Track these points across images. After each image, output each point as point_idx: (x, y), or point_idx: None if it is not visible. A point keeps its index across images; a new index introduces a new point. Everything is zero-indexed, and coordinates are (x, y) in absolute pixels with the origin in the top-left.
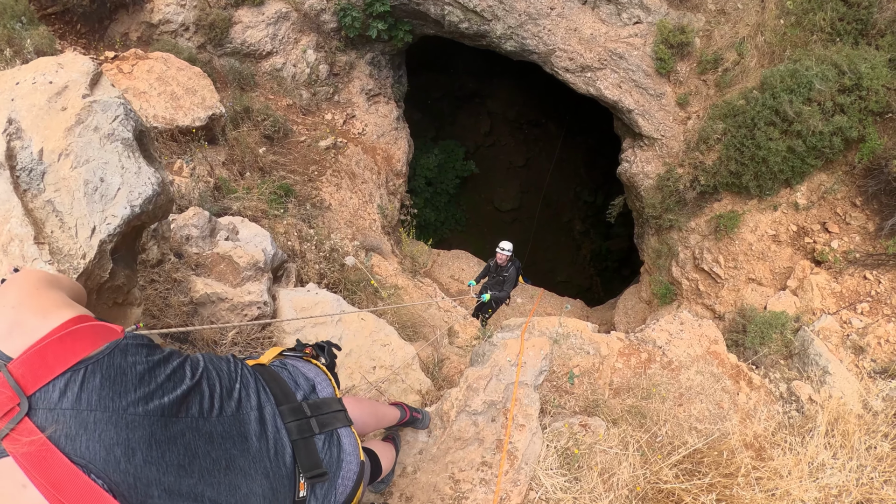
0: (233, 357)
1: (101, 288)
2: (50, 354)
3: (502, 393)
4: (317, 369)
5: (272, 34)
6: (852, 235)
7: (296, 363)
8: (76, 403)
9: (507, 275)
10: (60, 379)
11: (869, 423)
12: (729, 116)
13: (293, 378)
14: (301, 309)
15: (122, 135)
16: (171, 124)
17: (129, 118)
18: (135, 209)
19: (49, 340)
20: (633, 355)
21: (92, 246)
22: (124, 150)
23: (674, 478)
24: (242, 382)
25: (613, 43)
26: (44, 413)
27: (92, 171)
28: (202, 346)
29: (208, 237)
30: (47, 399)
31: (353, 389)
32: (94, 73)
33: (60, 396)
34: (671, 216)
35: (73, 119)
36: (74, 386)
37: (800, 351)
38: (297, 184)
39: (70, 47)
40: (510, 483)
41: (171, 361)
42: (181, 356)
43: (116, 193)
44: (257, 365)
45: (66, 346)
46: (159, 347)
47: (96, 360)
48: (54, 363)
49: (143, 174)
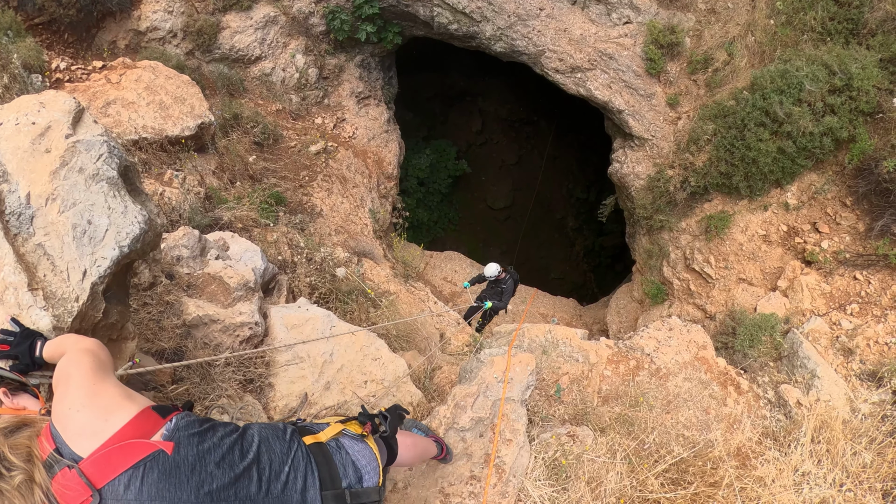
0: (291, 433)
1: (96, 327)
2: (114, 457)
3: (489, 409)
4: (370, 454)
5: (261, 39)
6: (842, 236)
7: (352, 446)
8: (138, 495)
9: (504, 286)
10: (124, 475)
11: (855, 429)
12: (719, 117)
13: (343, 464)
14: (292, 326)
15: (106, 174)
16: (160, 134)
17: (114, 155)
18: (123, 249)
19: (113, 448)
20: (621, 363)
21: (84, 289)
22: (110, 190)
23: (659, 487)
24: (293, 465)
25: (603, 43)
26: (112, 502)
27: (79, 214)
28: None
29: (199, 256)
30: (114, 491)
31: (346, 405)
32: (77, 111)
33: (125, 490)
34: (662, 217)
35: (58, 161)
36: (136, 481)
37: (789, 353)
38: (287, 190)
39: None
40: (499, 495)
41: (223, 444)
42: (235, 434)
43: (105, 235)
44: (314, 443)
45: (125, 452)
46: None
47: (153, 457)
48: (118, 464)
49: (129, 213)
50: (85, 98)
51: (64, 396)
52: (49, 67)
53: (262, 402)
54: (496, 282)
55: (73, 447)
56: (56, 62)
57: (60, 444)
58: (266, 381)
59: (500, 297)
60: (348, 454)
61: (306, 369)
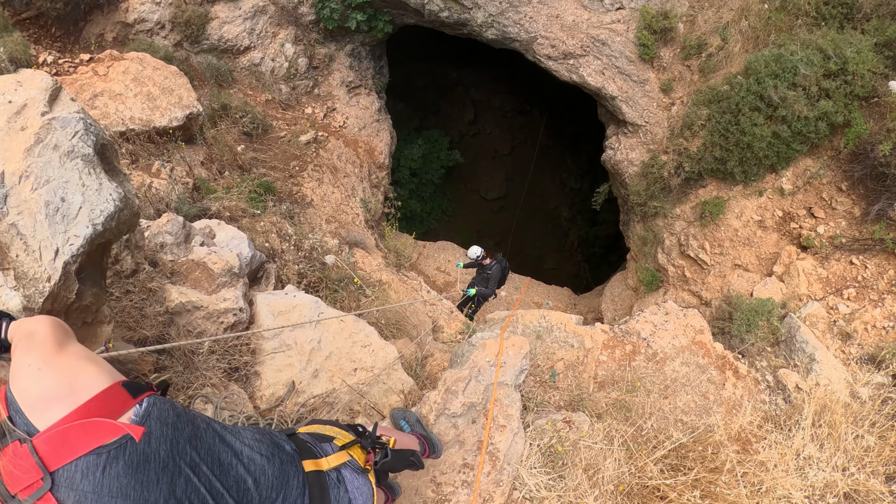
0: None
1: (69, 309)
2: (72, 437)
3: (482, 394)
4: (368, 493)
5: (249, 29)
6: (838, 220)
7: (352, 482)
8: (97, 488)
9: (490, 273)
10: (82, 460)
11: (856, 413)
12: (713, 102)
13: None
14: (279, 313)
15: (82, 151)
16: (147, 126)
17: (90, 133)
18: (97, 227)
19: (72, 425)
20: (617, 348)
21: (56, 268)
22: (85, 167)
23: (659, 473)
24: (284, 495)
25: (596, 29)
26: (66, 491)
27: (52, 191)
28: (179, 357)
29: (183, 243)
30: (69, 477)
31: (334, 393)
32: (54, 89)
33: (82, 478)
34: (656, 203)
35: (33, 139)
36: (97, 470)
37: (786, 338)
38: (277, 181)
39: (45, 52)
40: (493, 484)
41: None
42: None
43: (78, 213)
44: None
45: (88, 431)
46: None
47: (119, 444)
48: (77, 445)
49: (104, 190)
50: (72, 91)
51: (25, 353)
52: (36, 61)
53: (247, 391)
54: (482, 268)
55: (30, 416)
56: (43, 56)
57: (15, 411)
58: (252, 369)
59: (486, 283)
60: (346, 492)
61: (293, 357)
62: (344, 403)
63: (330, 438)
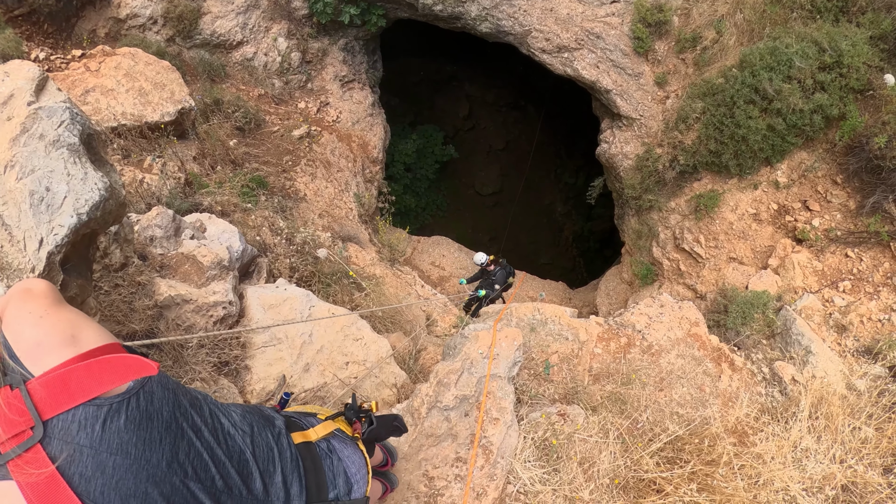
0: (280, 425)
1: None
2: (74, 381)
3: (474, 387)
4: (361, 460)
5: (242, 23)
6: (833, 213)
7: (343, 450)
8: (95, 442)
9: (494, 277)
10: (80, 410)
11: (853, 404)
12: (708, 95)
13: (334, 472)
14: (269, 306)
15: (67, 140)
16: (139, 121)
17: (76, 122)
18: (81, 217)
19: (76, 366)
20: (612, 340)
21: (40, 258)
22: (70, 157)
23: (655, 466)
24: (280, 465)
25: (590, 23)
26: (59, 443)
27: (37, 180)
28: (169, 351)
29: (173, 237)
30: (64, 429)
31: (326, 387)
32: (40, 79)
33: (79, 429)
34: (651, 196)
35: (19, 128)
36: (96, 423)
37: (782, 330)
38: (270, 175)
39: (37, 48)
40: (486, 478)
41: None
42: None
43: (63, 202)
44: (303, 443)
45: (93, 374)
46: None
47: (123, 398)
48: (77, 391)
49: (89, 180)
50: (64, 87)
51: (23, 303)
52: (28, 58)
53: (238, 385)
54: (487, 273)
55: (26, 361)
56: (36, 53)
57: (9, 356)
58: (242, 363)
59: (491, 287)
60: (340, 461)
61: (284, 351)
62: (336, 398)
63: (313, 414)
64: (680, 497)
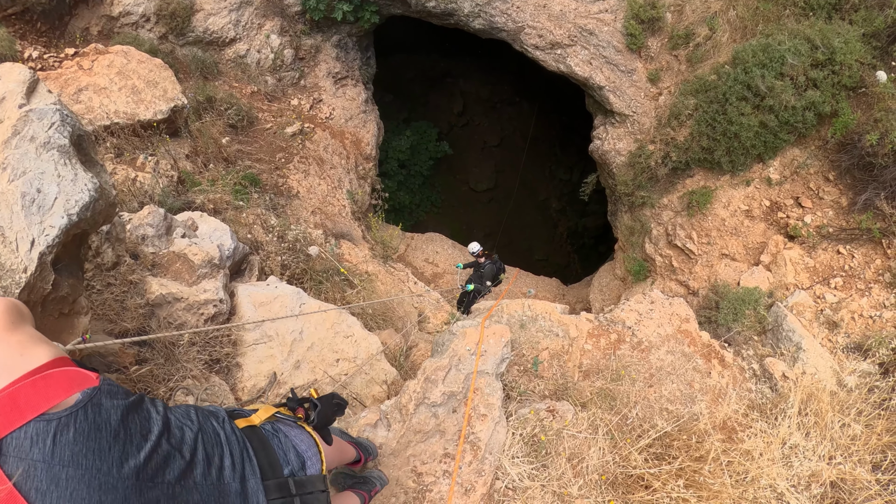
0: (223, 414)
1: (46, 300)
2: (22, 398)
3: (462, 383)
4: (310, 440)
5: (235, 20)
6: (825, 210)
7: (289, 431)
8: (48, 456)
9: (483, 270)
10: (31, 426)
11: (843, 401)
12: (700, 92)
13: (283, 450)
14: (260, 304)
15: (58, 142)
16: (132, 119)
17: (66, 124)
18: (72, 218)
19: (22, 384)
20: (602, 336)
21: (32, 259)
22: (60, 158)
23: (643, 462)
24: (228, 449)
25: (583, 19)
26: (14, 460)
27: (29, 182)
28: (160, 349)
29: (164, 235)
30: (18, 446)
31: (316, 384)
32: (31, 81)
33: (31, 445)
34: (643, 193)
35: (10, 131)
36: (47, 437)
37: (773, 327)
38: (262, 173)
39: (30, 47)
40: (474, 473)
41: (150, 415)
42: (162, 408)
43: (54, 203)
44: (248, 427)
45: (38, 390)
46: (138, 397)
47: (70, 412)
48: (25, 408)
49: (79, 181)
50: (56, 86)
51: None
52: (22, 57)
53: (229, 382)
54: (478, 266)
55: None
56: (29, 52)
57: None
58: (233, 360)
59: (480, 280)
60: (287, 438)
61: (275, 348)
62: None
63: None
64: (667, 493)
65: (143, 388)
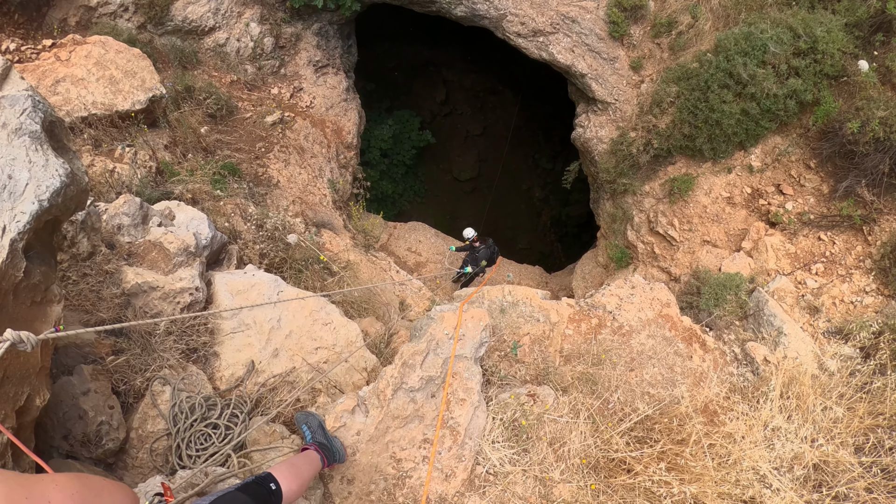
0: None
1: (17, 288)
2: None
3: (440, 368)
4: None
5: (214, 9)
6: (806, 197)
7: None
8: None
9: (478, 254)
10: None
11: (824, 384)
12: (683, 79)
13: None
14: (237, 292)
15: (29, 128)
16: (110, 110)
17: (38, 110)
18: (43, 203)
19: None
20: (583, 321)
21: (3, 246)
22: (32, 144)
23: (624, 446)
24: None
25: (566, 6)
26: None
27: (0, 169)
28: (137, 339)
29: (140, 224)
30: None
31: (294, 372)
32: (3, 69)
33: None
34: (625, 180)
35: None
36: None
37: (754, 312)
38: (242, 162)
39: (7, 39)
40: (455, 458)
41: None
42: None
43: (24, 189)
44: None
45: None
46: None
47: None
48: None
49: (50, 166)
50: (34, 77)
51: None
52: None
53: (207, 372)
54: (473, 249)
55: None
56: (6, 44)
57: None
58: (211, 350)
59: (476, 263)
60: None
61: (253, 337)
62: (305, 382)
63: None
64: (649, 476)
65: (121, 378)
